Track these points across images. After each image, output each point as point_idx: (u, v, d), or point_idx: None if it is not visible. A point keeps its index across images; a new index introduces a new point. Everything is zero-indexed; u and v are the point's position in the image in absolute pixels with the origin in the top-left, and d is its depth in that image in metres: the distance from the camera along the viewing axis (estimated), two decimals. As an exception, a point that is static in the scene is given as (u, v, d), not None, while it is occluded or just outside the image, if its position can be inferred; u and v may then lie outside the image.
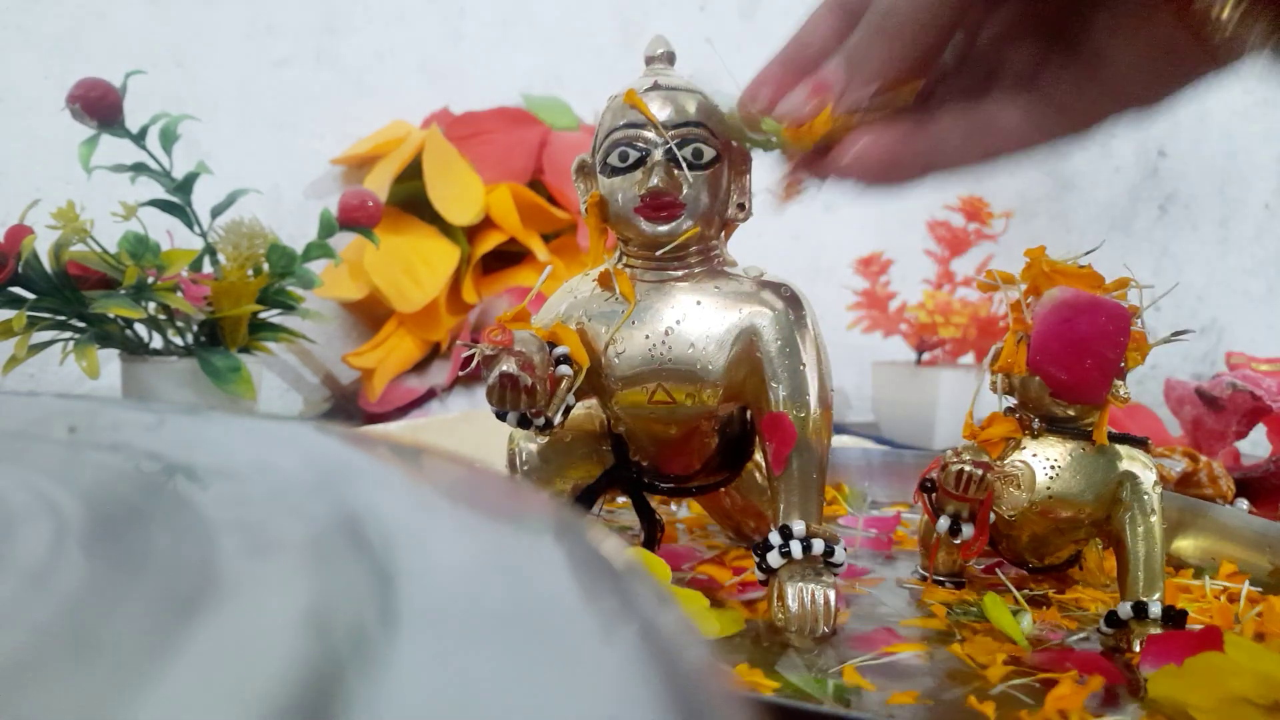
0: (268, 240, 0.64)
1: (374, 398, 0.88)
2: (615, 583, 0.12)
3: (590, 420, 0.41)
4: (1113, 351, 0.35)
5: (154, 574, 0.12)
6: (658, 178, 0.34)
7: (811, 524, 0.35)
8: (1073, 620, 0.38)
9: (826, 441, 0.36)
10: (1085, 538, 0.40)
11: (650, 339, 0.35)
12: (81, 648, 0.09)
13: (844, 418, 1.10)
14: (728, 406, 0.38)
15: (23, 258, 0.57)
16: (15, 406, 0.23)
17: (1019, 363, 0.38)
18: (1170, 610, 0.34)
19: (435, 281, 0.87)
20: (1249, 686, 0.26)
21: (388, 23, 0.97)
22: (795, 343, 0.36)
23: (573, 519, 0.15)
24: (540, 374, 0.33)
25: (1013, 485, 0.38)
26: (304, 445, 0.19)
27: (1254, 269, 1.40)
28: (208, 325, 0.64)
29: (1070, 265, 0.37)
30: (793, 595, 0.34)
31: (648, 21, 1.09)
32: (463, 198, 0.88)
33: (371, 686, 0.09)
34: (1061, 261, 0.38)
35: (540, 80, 1.04)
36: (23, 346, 0.57)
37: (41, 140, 0.81)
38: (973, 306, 0.92)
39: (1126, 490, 0.37)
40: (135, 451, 0.18)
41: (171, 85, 0.86)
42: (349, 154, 0.94)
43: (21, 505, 0.14)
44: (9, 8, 0.81)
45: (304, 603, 0.11)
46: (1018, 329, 0.38)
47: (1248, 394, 0.62)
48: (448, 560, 0.13)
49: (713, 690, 0.10)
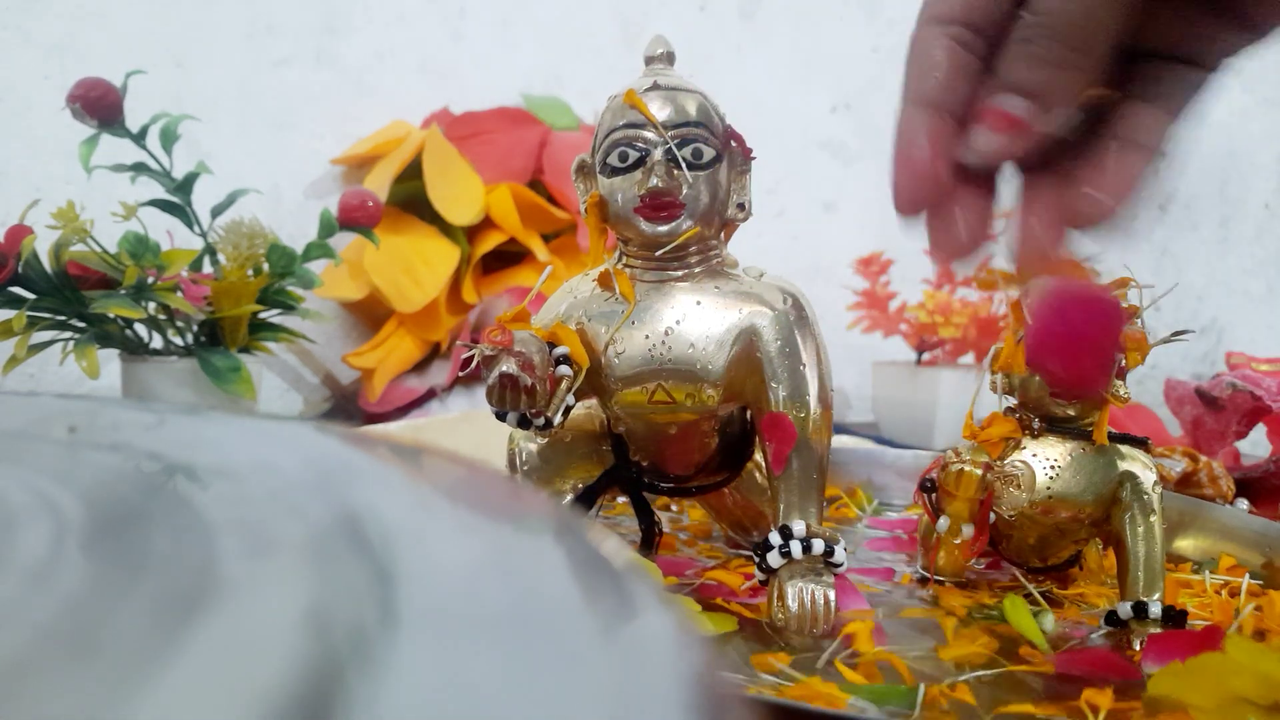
0: (268, 240, 0.64)
1: (374, 398, 0.88)
2: (615, 583, 0.12)
3: (590, 420, 0.41)
4: (1107, 339, 0.35)
5: (154, 574, 0.12)
6: (658, 178, 0.34)
7: (811, 524, 0.35)
8: (1093, 618, 0.38)
9: (826, 441, 0.36)
10: (1085, 538, 0.40)
11: (650, 339, 0.35)
12: (81, 648, 0.09)
13: (844, 418, 1.10)
14: (728, 406, 0.38)
15: (23, 258, 0.57)
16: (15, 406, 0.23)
17: (1018, 362, 0.38)
18: (1170, 610, 0.34)
19: (435, 281, 0.87)
20: (1249, 686, 0.26)
21: (388, 23, 0.97)
22: (795, 343, 0.36)
23: (572, 519, 0.15)
24: (540, 374, 0.33)
25: (1013, 485, 0.38)
26: (304, 445, 0.19)
27: (1254, 269, 1.40)
28: (208, 325, 0.64)
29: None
30: (792, 595, 0.34)
31: (648, 21, 1.09)
32: (463, 198, 0.88)
33: (371, 686, 0.09)
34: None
35: (540, 80, 1.04)
36: (23, 346, 0.57)
37: (41, 140, 0.81)
38: (973, 306, 0.92)
39: (1126, 490, 0.37)
40: (135, 451, 0.18)
41: (171, 85, 0.86)
42: (349, 154, 0.94)
43: (21, 505, 0.14)
44: (9, 8, 0.81)
45: (304, 603, 0.11)
46: (1017, 328, 0.38)
47: (1248, 394, 0.62)
48: (448, 560, 0.13)
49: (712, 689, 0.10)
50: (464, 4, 1.01)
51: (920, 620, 0.37)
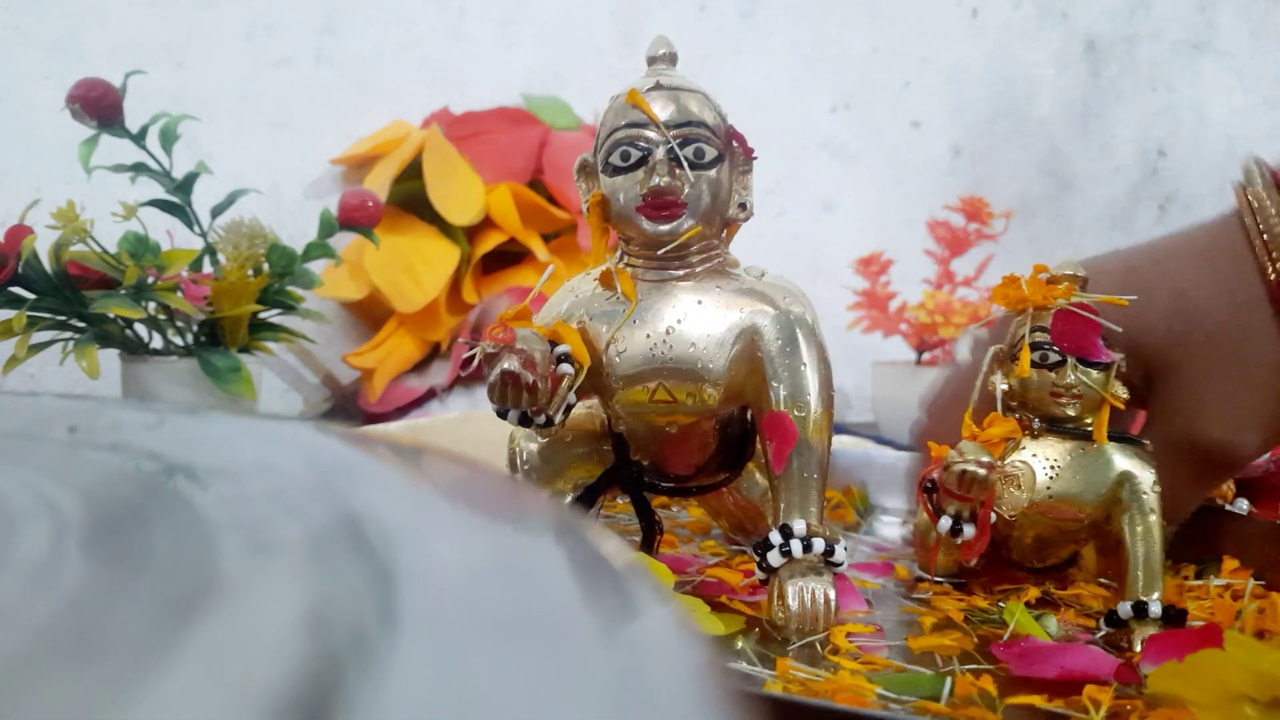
0: (268, 240, 0.64)
1: (374, 398, 0.88)
2: (616, 583, 0.12)
3: (591, 419, 0.41)
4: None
5: (154, 574, 0.12)
6: (659, 177, 0.34)
7: (812, 523, 0.35)
8: (1093, 619, 0.38)
9: (827, 441, 0.36)
10: (1085, 538, 0.40)
11: (651, 338, 0.35)
12: (81, 648, 0.09)
13: (844, 418, 1.10)
14: (728, 406, 0.38)
15: (23, 258, 0.57)
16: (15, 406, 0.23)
17: (1023, 364, 0.38)
18: (1170, 609, 0.34)
19: (435, 281, 0.87)
20: (1249, 683, 0.26)
21: (388, 23, 0.97)
22: (796, 342, 0.36)
23: (573, 519, 0.15)
24: (542, 372, 0.33)
25: (1013, 485, 0.38)
26: (304, 445, 0.19)
27: (1254, 269, 1.40)
28: (208, 325, 0.64)
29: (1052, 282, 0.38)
30: (793, 594, 0.34)
31: (648, 22, 1.09)
32: (463, 198, 0.88)
33: (371, 686, 0.09)
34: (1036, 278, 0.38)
35: (540, 80, 1.04)
36: (23, 346, 0.57)
37: (41, 140, 0.81)
38: (973, 306, 0.92)
39: (1126, 490, 0.37)
40: (135, 451, 0.18)
41: (171, 85, 0.86)
42: (349, 154, 0.94)
43: (21, 505, 0.14)
44: (9, 8, 0.81)
45: (304, 603, 0.11)
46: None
47: (1248, 394, 0.62)
48: (448, 560, 0.13)
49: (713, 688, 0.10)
50: (464, 4, 1.01)
51: (907, 617, 0.37)
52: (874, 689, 0.29)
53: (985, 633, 0.35)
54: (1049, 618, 0.37)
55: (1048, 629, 0.35)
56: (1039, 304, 0.38)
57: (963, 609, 0.38)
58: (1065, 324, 0.37)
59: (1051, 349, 0.38)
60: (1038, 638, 0.34)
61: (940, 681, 0.29)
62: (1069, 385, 0.37)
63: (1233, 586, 0.41)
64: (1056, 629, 0.36)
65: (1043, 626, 0.35)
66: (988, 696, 0.29)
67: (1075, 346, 0.37)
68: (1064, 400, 0.38)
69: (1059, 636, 0.35)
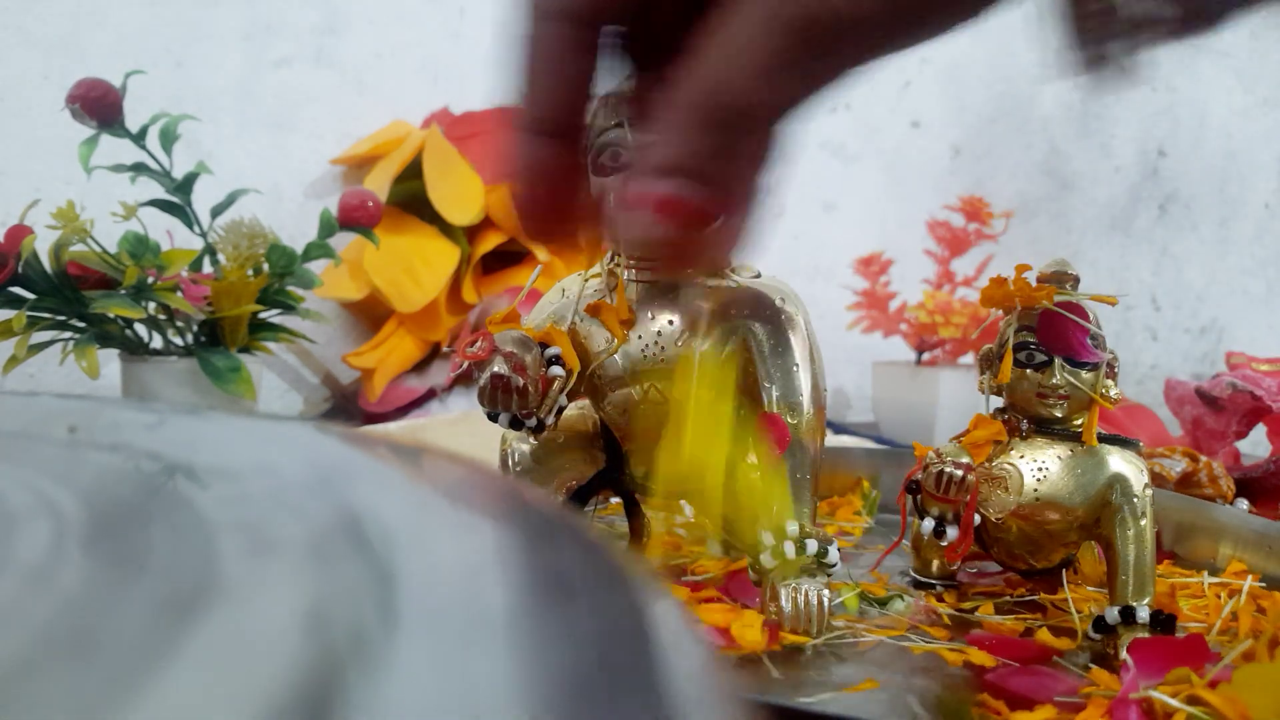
0: (268, 240, 0.64)
1: (374, 398, 0.88)
2: (616, 583, 0.12)
3: (583, 421, 0.41)
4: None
5: (154, 574, 0.12)
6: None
7: (804, 524, 0.35)
8: (1065, 622, 0.37)
9: (820, 442, 0.36)
10: (1076, 541, 0.39)
11: (643, 339, 0.35)
12: (81, 648, 0.09)
13: (844, 418, 1.10)
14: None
15: (23, 258, 0.57)
16: (15, 406, 0.23)
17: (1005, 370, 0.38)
18: (1158, 615, 0.33)
19: (435, 281, 0.87)
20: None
21: (388, 23, 0.97)
22: (788, 343, 0.36)
23: (573, 519, 0.15)
24: (531, 375, 0.33)
25: (1000, 488, 0.38)
26: (304, 445, 0.19)
27: (1254, 269, 1.40)
28: (208, 325, 0.64)
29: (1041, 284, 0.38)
30: (785, 595, 0.34)
31: (648, 21, 1.09)
32: (463, 198, 0.88)
33: (371, 686, 0.09)
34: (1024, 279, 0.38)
35: (540, 80, 1.04)
36: (23, 346, 0.57)
37: (41, 140, 0.81)
38: (973, 306, 0.92)
39: (1116, 493, 0.36)
40: (135, 451, 0.18)
41: (171, 85, 0.86)
42: (349, 154, 0.94)
43: (21, 505, 0.14)
44: (9, 8, 0.81)
45: (304, 603, 0.11)
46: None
47: (1248, 394, 0.62)
48: (448, 560, 0.13)
49: (713, 688, 0.10)
50: (464, 4, 1.01)
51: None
52: None
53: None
54: (896, 599, 0.37)
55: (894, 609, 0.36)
56: (1025, 304, 0.38)
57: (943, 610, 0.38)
58: (1051, 324, 0.37)
59: (1038, 349, 0.37)
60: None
61: None
62: (1055, 386, 0.37)
63: (1229, 585, 0.41)
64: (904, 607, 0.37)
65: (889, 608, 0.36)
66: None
67: (1061, 347, 0.37)
68: (1051, 401, 0.37)
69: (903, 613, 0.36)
